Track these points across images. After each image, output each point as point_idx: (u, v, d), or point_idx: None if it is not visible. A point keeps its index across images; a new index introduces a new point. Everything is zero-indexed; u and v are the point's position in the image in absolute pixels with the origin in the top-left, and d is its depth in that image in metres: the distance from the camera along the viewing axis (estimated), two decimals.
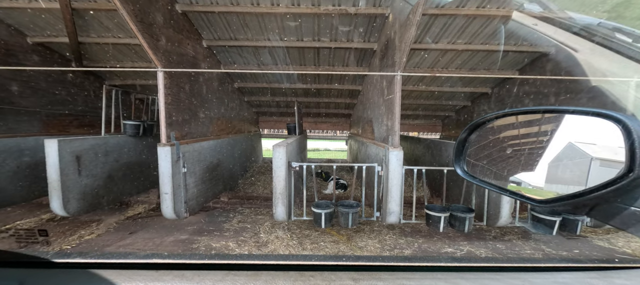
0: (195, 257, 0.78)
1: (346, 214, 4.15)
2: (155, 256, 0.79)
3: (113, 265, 0.75)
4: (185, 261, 0.77)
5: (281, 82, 7.21)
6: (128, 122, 5.58)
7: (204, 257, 0.80)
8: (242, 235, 4.88)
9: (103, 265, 0.74)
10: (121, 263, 0.75)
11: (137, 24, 3.47)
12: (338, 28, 4.98)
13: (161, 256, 0.80)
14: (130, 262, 0.75)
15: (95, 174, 4.85)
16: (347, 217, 4.16)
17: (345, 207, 4.25)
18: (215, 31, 5.18)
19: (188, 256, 0.80)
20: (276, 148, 4.12)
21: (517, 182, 0.91)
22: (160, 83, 4.05)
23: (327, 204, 4.40)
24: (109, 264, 0.75)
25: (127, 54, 5.99)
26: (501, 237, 4.67)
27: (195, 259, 0.78)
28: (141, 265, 0.76)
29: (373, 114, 5.67)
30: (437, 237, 4.69)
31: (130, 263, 0.75)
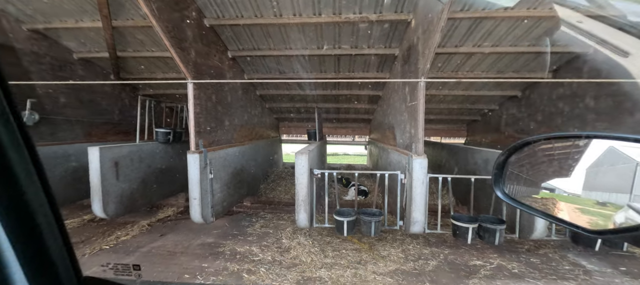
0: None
1: (369, 222, 4.11)
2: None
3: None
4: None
5: (302, 89, 7.33)
6: (159, 130, 5.94)
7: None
8: (265, 241, 4.99)
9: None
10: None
11: (170, 40, 3.72)
12: (359, 35, 5.00)
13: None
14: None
15: (131, 178, 5.20)
16: (370, 226, 4.12)
17: (367, 215, 4.21)
18: (240, 43, 5.40)
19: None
20: (299, 155, 4.19)
21: (550, 188, 0.86)
22: (190, 93, 4.28)
23: (349, 212, 4.38)
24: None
25: (159, 66, 6.40)
26: (535, 250, 4.39)
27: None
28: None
29: (394, 120, 5.60)
30: (464, 249, 4.50)
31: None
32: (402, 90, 5.00)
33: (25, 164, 0.59)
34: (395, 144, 5.53)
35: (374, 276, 3.93)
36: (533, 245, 4.53)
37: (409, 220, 4.21)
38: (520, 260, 4.15)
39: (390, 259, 4.34)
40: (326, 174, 4.52)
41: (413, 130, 4.24)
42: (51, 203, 0.65)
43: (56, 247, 0.65)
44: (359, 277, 3.90)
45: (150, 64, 6.34)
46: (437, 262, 4.31)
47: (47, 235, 0.63)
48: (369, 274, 4.01)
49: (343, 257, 4.42)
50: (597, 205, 0.73)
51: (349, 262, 4.26)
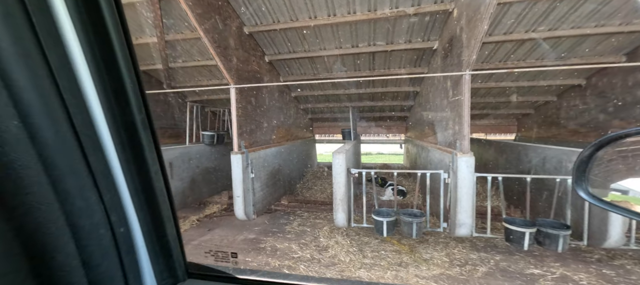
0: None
1: (410, 223, 3.96)
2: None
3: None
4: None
5: (335, 88, 7.34)
6: (205, 133, 6.43)
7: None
8: (303, 239, 5.10)
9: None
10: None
11: (216, 49, 4.00)
12: (395, 30, 4.85)
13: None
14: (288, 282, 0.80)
15: (183, 177, 5.71)
16: (411, 227, 3.97)
17: (408, 216, 4.06)
18: (276, 47, 5.59)
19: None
20: (336, 155, 4.20)
21: (623, 190, 0.79)
22: (232, 98, 4.56)
23: (388, 212, 4.27)
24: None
25: (203, 73, 6.93)
26: (609, 261, 3.82)
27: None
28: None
29: (435, 116, 5.31)
30: (518, 255, 4.11)
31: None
32: (442, 84, 4.73)
33: (155, 163, 0.66)
34: (436, 141, 5.25)
35: (416, 279, 3.78)
36: (605, 255, 3.96)
37: (454, 222, 3.97)
38: (590, 271, 3.67)
39: (434, 262, 4.14)
40: (363, 173, 4.46)
41: (457, 127, 3.98)
42: (170, 197, 0.73)
43: (172, 236, 0.73)
44: (400, 280, 3.78)
45: (196, 73, 6.89)
46: (487, 268, 3.99)
47: (168, 225, 0.70)
48: (411, 276, 3.87)
49: (382, 258, 4.33)
50: None
51: (389, 264, 4.16)
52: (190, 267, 0.82)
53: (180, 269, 0.76)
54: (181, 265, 0.77)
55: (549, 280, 3.69)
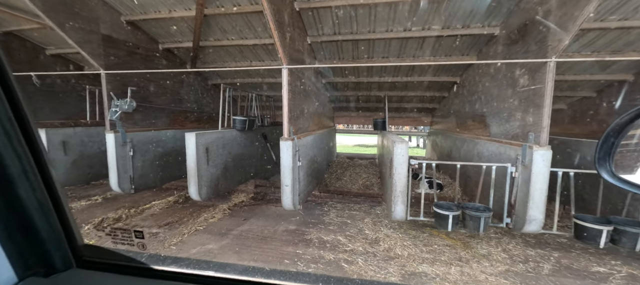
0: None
1: (477, 218, 3.77)
2: (252, 270, 0.75)
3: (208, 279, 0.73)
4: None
5: (370, 75, 7.01)
6: (237, 118, 6.07)
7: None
8: (347, 231, 4.88)
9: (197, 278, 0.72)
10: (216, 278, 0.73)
11: (275, 23, 3.63)
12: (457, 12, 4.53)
13: (261, 272, 0.75)
14: (228, 277, 0.73)
15: (217, 164, 5.39)
16: (478, 222, 3.78)
17: (473, 210, 3.87)
18: (321, 27, 5.21)
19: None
20: (398, 145, 3.95)
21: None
22: (284, 80, 4.22)
23: (450, 206, 4.08)
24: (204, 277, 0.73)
25: (232, 54, 6.50)
26: None
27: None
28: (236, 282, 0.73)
29: (488, 108, 5.08)
30: (576, 252, 4.01)
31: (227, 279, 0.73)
32: (504, 73, 4.47)
33: (17, 147, 0.62)
34: (489, 133, 5.03)
35: (484, 276, 3.61)
36: None
37: (524, 218, 3.79)
38: None
39: (493, 258, 3.98)
40: (424, 164, 4.23)
41: (531, 118, 3.75)
42: (47, 181, 0.68)
43: (48, 222, 0.68)
44: (468, 276, 3.61)
45: (226, 53, 6.45)
46: (550, 265, 3.86)
47: (38, 211, 0.66)
48: (478, 273, 3.70)
49: (439, 252, 4.15)
50: None
51: (449, 259, 3.98)
52: (86, 250, 0.77)
53: (61, 258, 0.71)
54: (64, 254, 0.71)
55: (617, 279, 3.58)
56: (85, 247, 0.78)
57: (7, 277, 0.64)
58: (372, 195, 6.62)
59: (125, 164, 5.35)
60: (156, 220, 5.35)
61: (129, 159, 5.37)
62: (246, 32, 5.45)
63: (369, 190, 7.03)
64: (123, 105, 5.06)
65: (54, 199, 0.71)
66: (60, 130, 5.72)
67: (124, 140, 5.25)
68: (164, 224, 5.15)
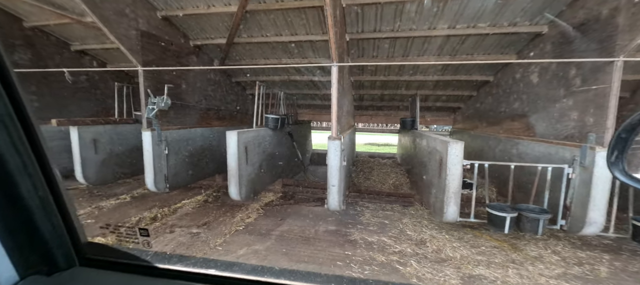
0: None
1: (536, 220, 3.71)
2: (261, 270, 0.73)
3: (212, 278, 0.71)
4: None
5: (400, 74, 6.92)
6: (270, 116, 5.97)
7: None
8: (389, 231, 4.83)
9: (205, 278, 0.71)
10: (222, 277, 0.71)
11: (333, 19, 3.53)
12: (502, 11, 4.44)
13: (271, 272, 0.73)
14: (237, 276, 0.71)
15: (253, 162, 5.30)
16: (536, 224, 3.72)
17: (531, 212, 3.80)
18: (362, 24, 5.10)
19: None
20: (452, 145, 3.87)
21: None
22: (334, 78, 4.13)
23: (502, 207, 4.01)
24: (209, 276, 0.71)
25: (264, 51, 6.38)
26: None
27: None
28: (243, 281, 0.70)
29: (532, 107, 5.00)
30: (626, 254, 3.96)
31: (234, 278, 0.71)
32: (556, 72, 4.39)
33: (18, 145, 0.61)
34: (533, 133, 4.96)
35: (544, 279, 3.56)
36: None
37: (582, 220, 3.73)
38: None
39: (545, 260, 3.94)
40: (476, 165, 4.16)
41: (591, 118, 3.68)
42: (48, 179, 0.67)
43: (50, 220, 0.68)
44: (527, 279, 3.55)
45: (258, 50, 6.34)
46: (606, 268, 3.82)
47: (40, 210, 0.66)
48: (536, 276, 3.65)
49: (490, 254, 4.10)
50: None
51: (503, 261, 3.93)
52: (89, 248, 0.77)
53: (63, 256, 0.71)
54: (67, 252, 0.72)
55: None
56: (89, 245, 0.77)
57: (8, 276, 0.63)
58: (403, 195, 6.55)
59: (161, 163, 5.25)
60: (192, 219, 5.27)
61: (164, 158, 5.27)
62: (283, 29, 5.34)
63: (400, 190, 6.97)
64: (160, 103, 4.95)
65: (56, 196, 0.70)
66: (92, 128, 5.60)
67: (159, 139, 5.15)
68: (202, 223, 5.07)
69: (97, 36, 6.00)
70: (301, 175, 8.13)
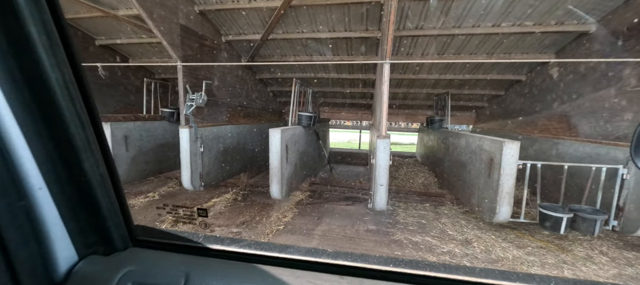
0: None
1: (593, 221, 3.68)
2: (315, 252, 0.72)
3: (272, 259, 0.70)
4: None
5: (430, 73, 6.86)
6: (303, 114, 5.88)
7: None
8: (431, 231, 4.80)
9: (264, 258, 0.70)
10: (280, 258, 0.70)
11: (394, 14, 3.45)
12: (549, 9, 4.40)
13: (326, 254, 0.71)
14: (290, 257, 0.70)
15: (292, 161, 5.21)
16: (593, 225, 3.69)
17: (584, 212, 3.78)
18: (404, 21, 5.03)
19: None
20: (508, 145, 3.82)
21: None
22: (385, 75, 4.05)
23: (555, 207, 3.98)
24: (268, 257, 0.71)
25: (295, 47, 6.28)
26: None
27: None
28: (301, 262, 0.69)
29: (575, 107, 4.98)
30: None
31: (290, 259, 0.70)
32: (605, 72, 4.36)
33: (85, 137, 0.62)
34: (576, 133, 4.93)
35: (603, 279, 3.55)
36: None
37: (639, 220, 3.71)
38: None
39: (595, 261, 3.93)
40: (528, 165, 4.12)
41: None
42: (109, 166, 0.69)
43: (108, 204, 0.69)
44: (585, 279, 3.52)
45: (287, 46, 6.24)
46: None
47: (100, 193, 0.66)
48: (593, 276, 3.64)
49: (540, 255, 4.09)
50: None
51: (556, 262, 3.91)
52: (138, 231, 0.78)
53: (120, 238, 0.73)
54: (122, 233, 0.73)
55: None
56: (138, 228, 0.78)
57: (67, 255, 0.63)
58: (434, 194, 6.52)
59: (196, 161, 5.14)
60: (228, 219, 5.19)
61: (199, 156, 5.17)
62: (322, 24, 5.25)
63: (430, 189, 6.94)
64: (198, 99, 4.84)
65: (113, 176, 0.70)
66: (123, 124, 5.47)
67: (196, 136, 5.04)
68: (239, 222, 5.00)
69: (129, 31, 5.86)
70: (327, 173, 8.07)
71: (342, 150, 11.49)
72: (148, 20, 4.01)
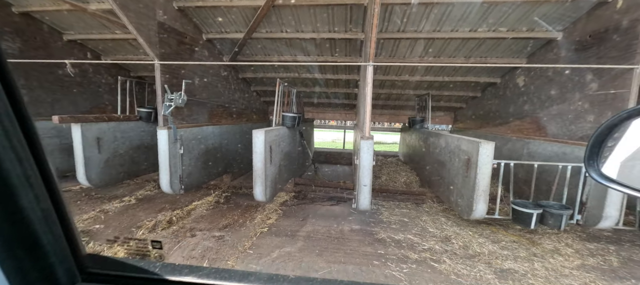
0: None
1: (559, 216, 3.95)
2: (276, 279, 0.71)
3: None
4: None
5: (412, 74, 7.04)
6: (287, 114, 5.83)
7: None
8: (413, 229, 4.93)
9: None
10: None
11: (377, 17, 3.50)
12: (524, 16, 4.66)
13: (288, 280, 0.71)
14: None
15: (276, 162, 5.16)
16: (559, 219, 3.96)
17: (552, 208, 4.05)
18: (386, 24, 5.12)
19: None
20: (484, 146, 4.01)
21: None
22: (369, 76, 4.11)
23: (525, 203, 4.23)
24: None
25: (278, 47, 6.22)
26: None
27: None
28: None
29: (544, 109, 5.31)
30: (628, 244, 4.36)
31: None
32: (571, 77, 4.68)
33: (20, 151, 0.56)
34: (545, 134, 5.26)
35: (568, 270, 3.81)
36: None
37: (599, 215, 4.03)
38: None
39: (562, 253, 4.22)
40: (502, 164, 4.35)
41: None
42: (50, 189, 0.63)
43: (51, 234, 0.64)
44: (554, 272, 3.78)
45: (271, 46, 6.16)
46: (616, 258, 4.16)
47: (41, 223, 0.62)
48: (559, 267, 3.90)
49: (512, 249, 4.33)
50: None
51: (527, 255, 4.15)
52: (89, 260, 0.73)
53: (66, 272, 0.67)
54: (69, 267, 0.68)
55: None
56: (89, 258, 0.73)
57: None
58: (415, 193, 6.70)
59: (176, 163, 4.96)
60: (210, 222, 5.06)
61: (179, 158, 4.99)
62: (305, 25, 5.23)
63: (411, 188, 7.12)
64: (177, 99, 4.67)
65: (58, 206, 0.65)
66: (95, 125, 5.16)
67: (175, 137, 4.86)
68: (222, 226, 4.88)
69: (101, 26, 5.53)
70: (311, 174, 8.06)
71: (326, 150, 11.53)
72: (122, 16, 3.81)
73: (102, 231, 4.56)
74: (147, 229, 4.57)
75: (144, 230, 4.54)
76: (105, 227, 4.73)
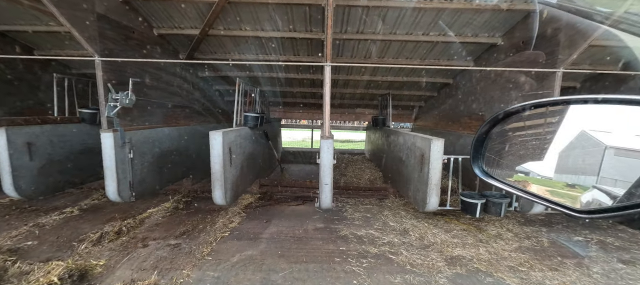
0: None
1: (499, 204, 4.37)
2: None
3: None
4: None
5: (374, 75, 7.28)
6: (250, 115, 5.69)
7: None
8: (375, 224, 5.13)
9: None
10: None
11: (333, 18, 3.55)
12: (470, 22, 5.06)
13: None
14: None
15: (237, 164, 5.01)
16: (500, 207, 4.39)
17: (496, 197, 4.47)
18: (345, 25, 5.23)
19: None
20: (435, 142, 4.28)
21: (525, 172, 0.83)
22: (327, 77, 4.16)
23: (472, 195, 4.62)
24: None
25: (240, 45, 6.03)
26: None
27: None
28: None
29: (488, 107, 5.82)
30: (559, 226, 5.07)
31: None
32: (509, 78, 5.19)
33: None
34: None
35: (507, 253, 4.24)
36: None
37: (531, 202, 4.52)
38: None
39: (503, 237, 4.69)
40: (452, 159, 4.68)
41: None
42: None
43: None
44: (496, 255, 4.18)
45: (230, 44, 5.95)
46: (546, 239, 4.73)
47: None
48: (500, 251, 4.32)
49: (462, 237, 4.70)
50: (566, 186, 0.72)
51: (474, 241, 4.54)
52: None
53: None
54: None
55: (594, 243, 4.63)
56: None
57: None
58: (378, 189, 6.96)
59: (125, 168, 4.58)
60: (166, 230, 4.78)
61: (128, 162, 4.61)
62: (264, 24, 5.14)
63: (375, 184, 7.38)
64: (124, 99, 4.30)
65: None
66: (25, 128, 4.55)
67: (123, 140, 4.48)
68: (179, 233, 4.64)
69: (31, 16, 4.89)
70: (277, 174, 7.96)
71: (295, 150, 11.48)
72: (51, 6, 3.39)
73: (35, 248, 4.06)
74: (91, 242, 4.17)
75: (86, 243, 4.13)
76: (40, 243, 4.22)
